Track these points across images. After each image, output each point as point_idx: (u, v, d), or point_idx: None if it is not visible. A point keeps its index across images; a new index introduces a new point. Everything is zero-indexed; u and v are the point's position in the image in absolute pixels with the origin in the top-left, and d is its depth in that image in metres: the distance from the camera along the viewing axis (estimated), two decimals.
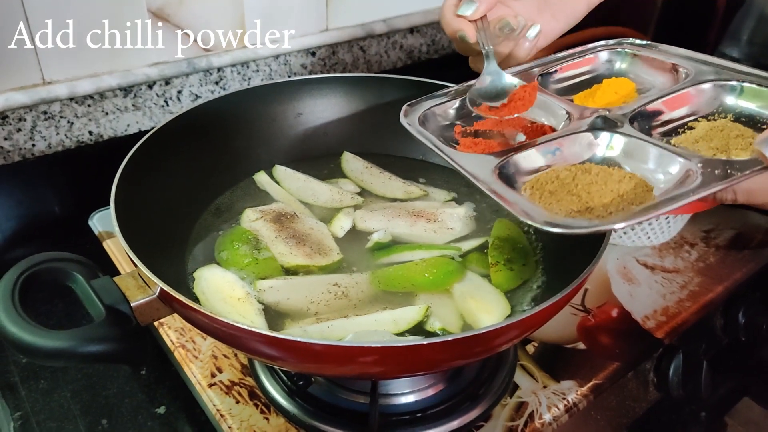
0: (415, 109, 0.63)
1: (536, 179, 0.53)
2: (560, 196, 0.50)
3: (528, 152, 0.55)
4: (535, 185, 0.52)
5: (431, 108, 0.64)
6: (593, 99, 0.64)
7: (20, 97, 0.77)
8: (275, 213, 0.70)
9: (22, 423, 0.61)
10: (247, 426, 0.59)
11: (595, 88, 0.66)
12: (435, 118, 0.64)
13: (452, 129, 0.64)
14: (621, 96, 0.64)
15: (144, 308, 0.49)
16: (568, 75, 0.70)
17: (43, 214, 0.86)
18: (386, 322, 0.57)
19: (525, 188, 0.52)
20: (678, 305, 0.75)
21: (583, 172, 0.52)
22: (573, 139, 0.56)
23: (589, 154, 0.55)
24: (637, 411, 0.68)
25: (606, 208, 0.48)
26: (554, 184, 0.51)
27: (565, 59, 0.69)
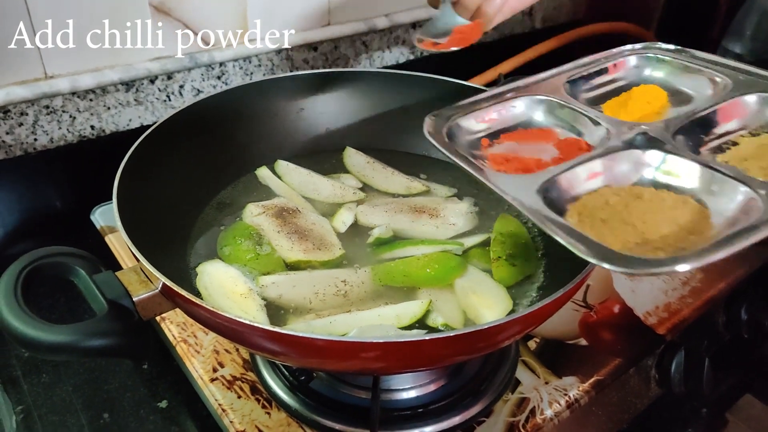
0: (440, 121, 0.60)
1: (582, 204, 0.49)
2: (613, 225, 0.47)
3: (572, 172, 0.51)
4: (582, 211, 0.48)
5: (456, 120, 0.60)
6: (626, 110, 0.61)
7: (22, 92, 0.77)
8: (277, 208, 0.70)
9: (24, 417, 0.61)
10: (248, 421, 0.59)
11: (625, 97, 0.62)
12: (460, 131, 0.60)
13: (478, 142, 0.60)
14: (654, 106, 0.61)
15: (146, 303, 0.49)
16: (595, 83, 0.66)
17: (45, 208, 0.86)
18: (388, 317, 0.57)
19: (571, 214, 0.48)
20: (680, 301, 0.75)
21: (634, 198, 0.49)
22: (619, 157, 0.53)
23: (637, 175, 0.52)
24: (638, 407, 0.68)
25: (664, 239, 0.45)
26: (605, 211, 0.48)
27: (591, 64, 0.67)
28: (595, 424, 0.65)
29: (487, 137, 0.61)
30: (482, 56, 1.22)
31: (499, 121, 0.62)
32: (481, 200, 0.74)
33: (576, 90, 0.65)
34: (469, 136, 0.61)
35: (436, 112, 0.61)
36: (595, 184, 0.52)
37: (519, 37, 1.31)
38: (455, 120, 0.60)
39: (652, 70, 0.67)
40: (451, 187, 0.76)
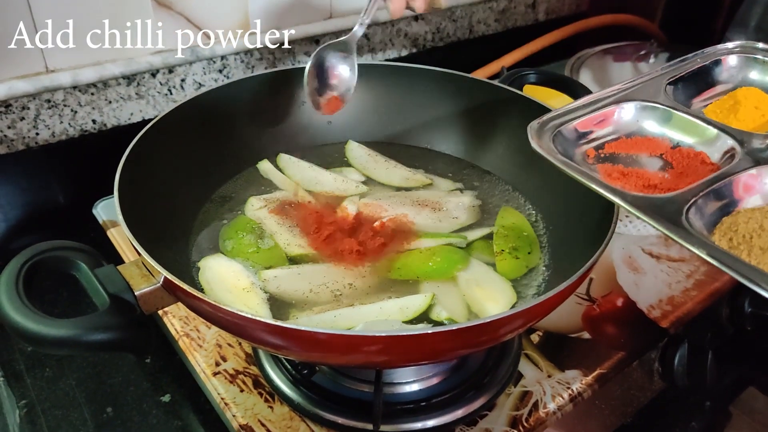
0: (543, 131, 0.54)
1: (730, 228, 0.45)
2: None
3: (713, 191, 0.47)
4: (733, 237, 0.44)
5: (558, 129, 0.55)
6: (736, 118, 0.57)
7: (23, 86, 0.77)
8: (279, 201, 0.70)
9: (27, 411, 0.61)
10: (251, 414, 0.59)
11: (730, 102, 0.59)
12: (564, 140, 0.55)
13: (584, 152, 0.56)
14: (762, 111, 0.57)
15: (148, 297, 0.49)
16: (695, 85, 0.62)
17: (47, 202, 0.86)
18: (392, 310, 0.57)
19: (718, 239, 0.44)
20: (683, 294, 0.75)
21: None
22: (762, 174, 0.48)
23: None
24: (641, 400, 0.68)
25: None
26: (763, 238, 0.43)
27: (688, 64, 0.63)
28: (598, 417, 0.65)
29: (593, 147, 0.57)
30: (485, 49, 1.22)
31: (603, 129, 0.58)
32: (483, 194, 0.74)
33: (678, 94, 0.61)
34: (573, 147, 0.56)
35: (537, 121, 0.55)
36: (740, 204, 0.48)
37: (522, 30, 1.30)
38: (557, 129, 0.55)
39: (756, 71, 0.64)
40: (453, 180, 0.76)
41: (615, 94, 0.60)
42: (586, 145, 0.57)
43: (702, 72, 0.64)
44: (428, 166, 0.78)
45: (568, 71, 1.17)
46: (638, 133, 0.59)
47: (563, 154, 0.52)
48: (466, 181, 0.76)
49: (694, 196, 0.46)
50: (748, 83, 0.64)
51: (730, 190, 0.48)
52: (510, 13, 1.27)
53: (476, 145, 0.79)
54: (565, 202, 0.66)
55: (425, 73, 0.78)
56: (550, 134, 0.54)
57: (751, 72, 0.64)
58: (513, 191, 0.74)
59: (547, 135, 0.54)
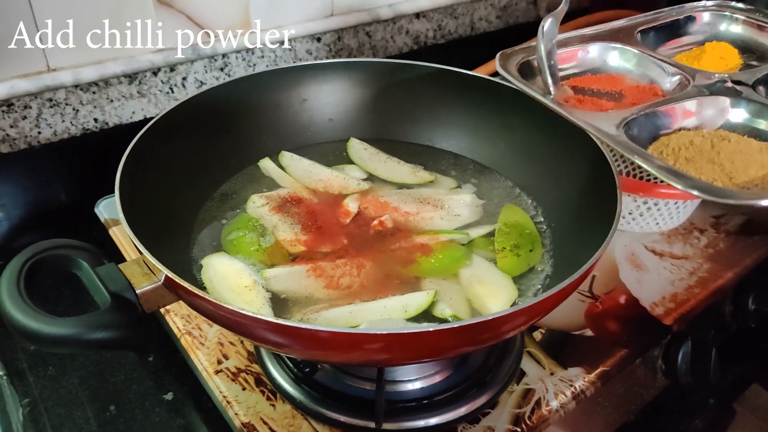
0: (511, 58, 0.59)
1: (664, 143, 0.50)
2: (699, 164, 0.47)
3: (653, 112, 0.52)
4: (664, 150, 0.49)
5: (527, 59, 0.60)
6: (699, 64, 0.61)
7: (25, 85, 0.77)
8: (281, 199, 0.70)
9: (30, 409, 0.62)
10: (253, 413, 0.59)
11: (697, 52, 0.63)
12: (528, 68, 0.60)
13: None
14: (727, 62, 0.61)
15: (149, 295, 0.49)
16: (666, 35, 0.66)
17: (49, 201, 0.86)
18: (395, 308, 0.57)
19: (651, 151, 0.49)
20: (687, 292, 0.75)
21: (720, 139, 0.49)
22: (705, 102, 0.53)
23: (721, 120, 0.52)
24: (645, 398, 0.68)
25: (751, 180, 0.45)
26: (690, 150, 0.48)
27: (663, 17, 0.66)
28: (601, 415, 0.65)
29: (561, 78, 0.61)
30: (486, 46, 1.21)
31: (569, 63, 0.62)
32: (485, 191, 0.74)
33: (647, 41, 0.65)
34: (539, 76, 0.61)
35: (508, 51, 0.61)
36: (677, 125, 0.52)
37: (524, 26, 1.30)
38: (526, 59, 0.60)
39: (725, 27, 0.67)
40: (455, 177, 0.76)
41: (587, 35, 0.64)
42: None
43: (674, 25, 0.68)
44: (430, 164, 0.78)
45: None
46: (602, 71, 0.64)
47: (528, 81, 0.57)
48: (467, 178, 0.76)
49: (634, 114, 0.51)
50: (719, 38, 0.66)
51: (670, 113, 0.53)
52: (511, 10, 1.27)
53: (478, 142, 0.78)
54: (568, 199, 0.66)
55: (427, 70, 0.78)
56: (517, 63, 0.59)
57: (722, 27, 0.68)
58: (515, 188, 0.74)
59: (514, 64, 0.59)
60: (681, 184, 0.42)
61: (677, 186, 0.42)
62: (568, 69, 0.61)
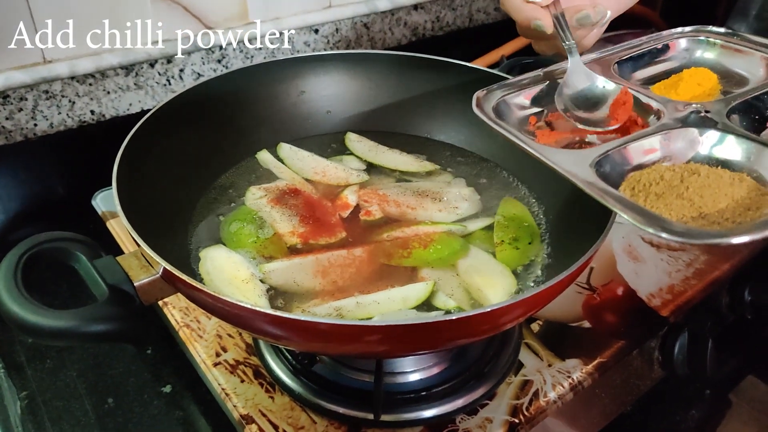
0: (488, 98, 0.59)
1: (636, 179, 0.49)
2: (669, 199, 0.47)
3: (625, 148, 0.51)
4: (635, 186, 0.48)
5: (504, 97, 0.60)
6: (676, 91, 0.60)
7: (21, 76, 0.77)
8: (279, 191, 0.70)
9: (28, 402, 0.62)
10: (252, 405, 0.59)
11: (675, 79, 0.62)
12: (508, 108, 0.60)
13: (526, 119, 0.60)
14: (705, 88, 0.60)
15: (147, 288, 0.49)
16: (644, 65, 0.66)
17: (46, 194, 0.86)
18: (395, 299, 0.57)
19: (624, 188, 0.49)
20: (683, 283, 0.75)
21: (690, 173, 0.48)
22: (673, 135, 0.52)
23: (692, 153, 0.52)
24: (641, 389, 0.68)
25: (721, 214, 0.45)
26: (660, 185, 0.48)
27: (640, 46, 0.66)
28: (598, 406, 0.65)
29: (535, 115, 0.61)
30: (485, 38, 1.21)
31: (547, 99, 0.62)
32: (484, 183, 0.73)
33: (625, 71, 0.65)
34: (517, 113, 0.61)
35: (485, 89, 0.60)
36: (648, 160, 0.52)
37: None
38: (503, 97, 0.60)
39: (702, 53, 0.67)
40: (453, 169, 0.76)
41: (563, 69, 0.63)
42: (529, 112, 0.61)
43: (651, 53, 0.67)
44: (428, 155, 0.78)
45: None
46: None
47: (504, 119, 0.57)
48: (466, 170, 0.76)
49: (606, 151, 0.50)
50: (697, 64, 0.66)
51: (640, 148, 0.52)
52: None
53: (476, 134, 0.78)
54: (566, 190, 0.66)
55: (425, 62, 0.78)
56: (493, 102, 0.58)
57: (699, 52, 0.67)
58: (514, 180, 0.74)
59: (490, 102, 0.58)
60: (651, 227, 0.42)
61: (647, 229, 0.42)
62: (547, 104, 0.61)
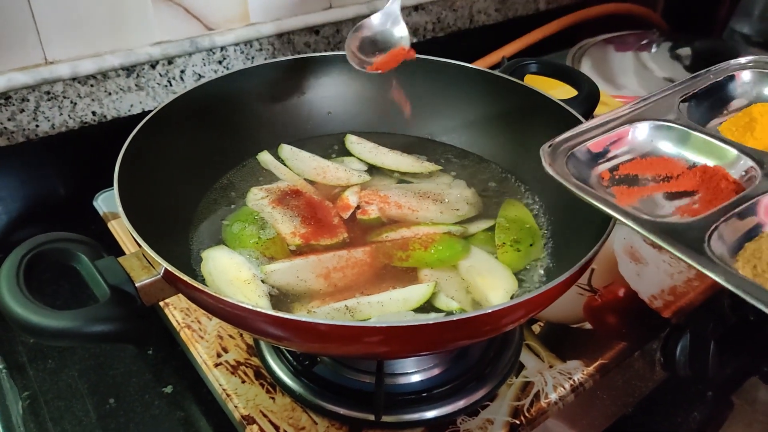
0: (557, 152, 0.53)
1: (755, 255, 0.44)
2: None
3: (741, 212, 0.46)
4: (756, 263, 0.43)
5: (572, 150, 0.54)
6: (752, 136, 0.56)
7: (22, 78, 0.77)
8: (281, 192, 0.70)
9: (30, 402, 0.62)
10: (253, 405, 0.59)
11: (745, 118, 0.57)
12: (577, 163, 0.54)
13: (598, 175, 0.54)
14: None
15: (148, 288, 0.49)
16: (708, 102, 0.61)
17: (48, 195, 0.86)
18: (396, 301, 0.57)
19: (741, 266, 0.43)
20: (685, 285, 0.75)
21: None
22: None
23: None
24: (643, 391, 0.68)
25: None
26: None
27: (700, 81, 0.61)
28: (599, 407, 0.65)
29: (608, 169, 0.55)
30: (486, 39, 1.21)
31: (617, 150, 0.56)
32: (484, 184, 0.73)
33: (692, 111, 0.60)
34: (587, 169, 0.55)
35: (549, 143, 0.54)
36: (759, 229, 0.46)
37: (523, 20, 1.29)
38: (570, 151, 0.54)
39: None
40: (454, 170, 0.76)
41: (628, 113, 0.58)
42: (601, 167, 0.55)
43: (715, 88, 0.62)
44: (429, 157, 0.78)
45: (570, 61, 1.17)
46: (653, 154, 0.57)
47: (577, 176, 0.51)
48: (467, 171, 0.76)
49: (716, 222, 0.45)
50: (762, 99, 0.62)
51: (752, 213, 0.47)
52: (511, 3, 1.26)
53: (477, 135, 0.78)
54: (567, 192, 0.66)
55: (426, 64, 0.78)
56: (564, 156, 0.53)
57: (766, 87, 0.62)
58: (515, 181, 0.74)
59: (561, 157, 0.52)
60: None
61: None
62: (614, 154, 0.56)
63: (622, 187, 0.53)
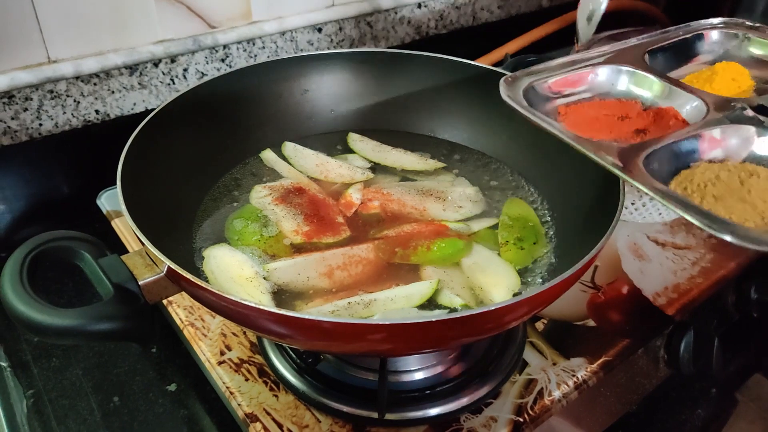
0: (515, 84, 0.57)
1: (687, 178, 0.47)
2: (729, 202, 0.44)
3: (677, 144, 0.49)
4: (688, 186, 0.46)
5: (532, 84, 0.58)
6: (711, 86, 0.59)
7: (26, 77, 0.77)
8: (284, 189, 0.70)
9: (34, 401, 0.62)
10: (256, 403, 0.59)
11: (708, 73, 0.61)
12: (536, 96, 0.58)
13: (555, 108, 0.58)
14: (740, 84, 0.59)
15: (152, 286, 0.49)
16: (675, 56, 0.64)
17: (51, 193, 0.86)
18: (399, 298, 0.57)
19: (674, 187, 0.47)
20: (689, 282, 0.75)
21: (748, 174, 0.46)
22: (726, 132, 0.50)
23: (746, 152, 0.50)
24: (647, 388, 0.68)
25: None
26: (717, 187, 0.45)
27: (671, 37, 0.65)
28: (603, 405, 0.65)
29: (565, 104, 0.59)
30: (489, 36, 1.21)
31: (577, 88, 0.60)
32: (488, 181, 0.73)
33: (656, 62, 0.63)
34: (545, 103, 0.58)
35: (511, 75, 0.58)
36: (698, 158, 0.50)
37: (526, 17, 1.29)
38: (531, 84, 0.58)
39: (736, 46, 0.65)
40: (457, 167, 0.76)
41: (592, 57, 0.62)
42: (559, 101, 0.59)
43: (682, 44, 0.65)
44: (432, 154, 0.78)
45: None
46: (611, 95, 0.61)
47: (533, 106, 0.55)
48: (470, 169, 0.76)
49: (654, 146, 0.49)
50: (728, 58, 0.64)
51: (691, 145, 0.50)
52: (513, 0, 1.26)
53: (480, 132, 0.78)
54: (571, 189, 0.66)
55: (428, 61, 0.78)
56: (522, 88, 0.56)
57: (732, 46, 0.65)
58: (518, 178, 0.73)
59: (520, 88, 0.56)
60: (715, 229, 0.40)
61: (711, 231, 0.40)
62: (576, 93, 0.59)
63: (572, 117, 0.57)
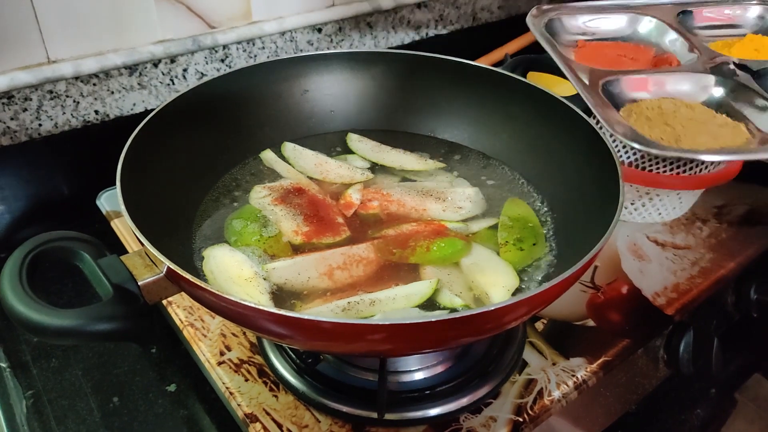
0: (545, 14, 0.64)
1: (637, 105, 0.53)
2: (655, 123, 0.50)
3: (638, 77, 0.55)
4: (634, 110, 0.52)
5: (560, 16, 0.64)
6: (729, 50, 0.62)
7: (25, 77, 0.77)
8: (284, 190, 0.70)
9: (34, 401, 0.62)
10: (256, 403, 0.59)
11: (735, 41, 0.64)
12: (562, 27, 0.64)
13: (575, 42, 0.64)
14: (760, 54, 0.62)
15: (151, 287, 0.49)
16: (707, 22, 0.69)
17: (51, 194, 0.86)
18: (399, 298, 0.57)
19: (624, 110, 0.52)
20: (689, 282, 0.75)
21: (686, 107, 0.52)
22: (689, 76, 0.56)
23: (704, 96, 0.55)
24: (646, 388, 0.68)
25: (697, 147, 0.48)
26: (653, 112, 0.52)
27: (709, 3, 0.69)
28: (603, 405, 0.65)
29: (584, 40, 0.65)
30: (489, 36, 1.21)
31: (601, 28, 0.66)
32: (488, 182, 0.73)
33: (686, 22, 0.68)
34: (567, 35, 0.65)
35: (545, 6, 0.65)
36: (658, 93, 0.55)
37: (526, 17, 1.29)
38: (559, 15, 0.64)
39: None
40: (458, 169, 0.76)
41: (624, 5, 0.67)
42: (579, 36, 0.66)
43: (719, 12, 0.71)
44: (432, 154, 0.78)
45: None
46: (631, 39, 0.67)
47: (555, 37, 0.61)
48: (470, 169, 0.76)
49: (615, 75, 0.54)
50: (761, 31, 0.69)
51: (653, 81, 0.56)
52: (513, 0, 1.26)
53: (480, 132, 0.78)
54: (570, 189, 0.66)
55: (428, 61, 0.78)
56: (548, 17, 0.63)
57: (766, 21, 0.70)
58: (518, 178, 0.73)
59: (545, 18, 0.63)
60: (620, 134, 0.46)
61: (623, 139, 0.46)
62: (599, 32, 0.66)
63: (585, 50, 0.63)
